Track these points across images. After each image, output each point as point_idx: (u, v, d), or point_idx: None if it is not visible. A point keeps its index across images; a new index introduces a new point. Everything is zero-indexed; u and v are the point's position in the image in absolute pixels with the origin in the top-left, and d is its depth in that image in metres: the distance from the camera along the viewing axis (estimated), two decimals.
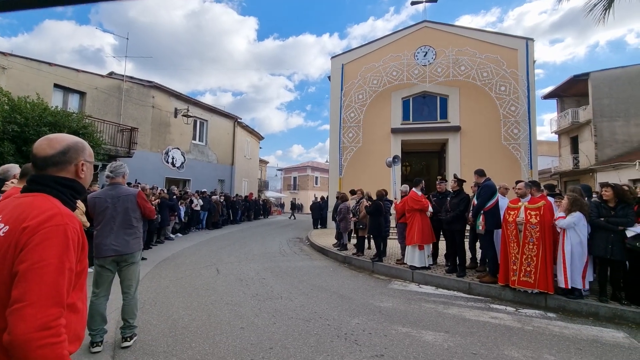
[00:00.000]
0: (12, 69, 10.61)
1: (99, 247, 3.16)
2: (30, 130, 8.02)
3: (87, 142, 5.14)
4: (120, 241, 3.19)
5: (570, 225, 4.46)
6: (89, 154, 1.28)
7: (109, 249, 3.15)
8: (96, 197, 3.27)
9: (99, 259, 3.16)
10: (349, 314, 4.21)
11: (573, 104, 21.16)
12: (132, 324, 3.27)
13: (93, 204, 3.26)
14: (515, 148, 12.55)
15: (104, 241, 3.16)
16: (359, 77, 14.43)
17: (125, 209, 3.26)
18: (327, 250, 8.72)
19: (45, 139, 1.19)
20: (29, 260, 0.94)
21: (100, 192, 3.34)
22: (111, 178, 3.36)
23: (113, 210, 3.22)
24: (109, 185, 3.37)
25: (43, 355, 0.89)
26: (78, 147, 1.23)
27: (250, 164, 25.70)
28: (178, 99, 17.11)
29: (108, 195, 3.26)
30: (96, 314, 3.09)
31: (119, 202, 3.25)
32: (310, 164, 45.32)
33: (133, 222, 3.30)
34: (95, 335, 3.09)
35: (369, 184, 9.68)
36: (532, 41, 12.97)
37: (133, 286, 3.31)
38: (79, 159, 1.22)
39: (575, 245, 4.48)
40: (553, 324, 4.03)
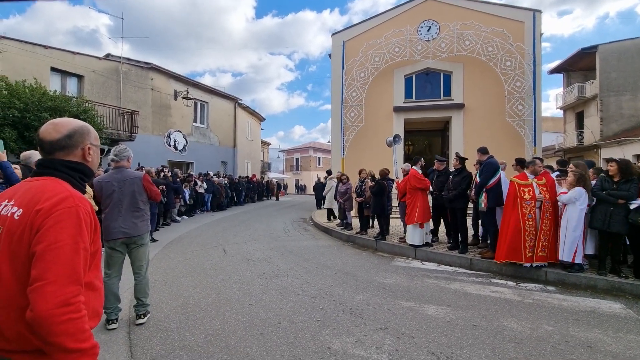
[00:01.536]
0: (6, 52, 10.45)
1: (107, 230, 3.21)
2: (31, 115, 8.00)
3: None
4: (128, 224, 3.25)
5: (570, 200, 4.52)
6: (95, 137, 1.29)
7: (117, 231, 3.21)
8: (102, 181, 3.30)
9: (109, 241, 3.23)
10: (354, 290, 4.34)
11: (580, 78, 20.67)
12: (144, 302, 3.39)
13: (100, 187, 3.29)
14: (519, 125, 12.40)
15: (113, 224, 3.22)
16: (360, 55, 14.09)
17: (132, 192, 3.29)
18: (330, 230, 8.85)
19: (51, 123, 1.21)
20: (45, 241, 0.99)
21: (106, 176, 3.36)
22: (116, 162, 3.38)
23: (120, 193, 3.25)
24: (114, 169, 3.39)
25: (65, 330, 0.94)
26: (83, 130, 1.24)
27: (252, 145, 25.63)
28: (177, 81, 16.89)
29: (114, 179, 3.28)
30: (109, 294, 3.18)
31: (125, 185, 3.28)
32: (312, 145, 45.13)
33: (140, 205, 3.34)
34: (110, 313, 3.22)
35: (372, 164, 9.67)
36: (539, 13, 12.53)
37: (144, 267, 3.41)
38: (85, 143, 1.23)
39: (572, 220, 4.56)
40: (552, 297, 4.15)
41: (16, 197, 1.10)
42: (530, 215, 4.80)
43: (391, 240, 7.05)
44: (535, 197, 4.77)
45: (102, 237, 3.01)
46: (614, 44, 17.93)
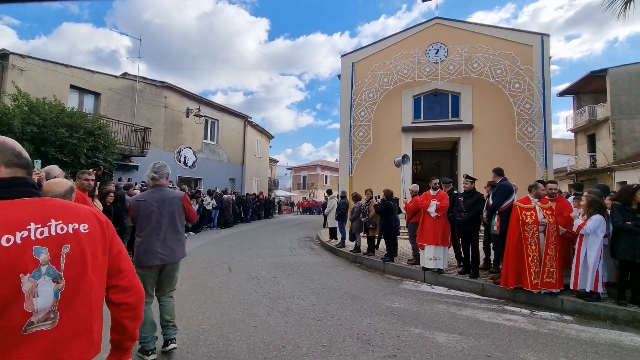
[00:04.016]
0: (29, 71, 10.93)
1: (144, 255, 2.87)
2: (48, 131, 8.25)
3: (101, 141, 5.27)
4: (167, 249, 2.93)
5: (594, 229, 4.34)
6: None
7: (155, 257, 2.88)
8: (140, 201, 2.98)
9: (143, 267, 2.87)
10: (361, 314, 4.21)
11: (590, 101, 20.59)
12: (174, 323, 3.11)
13: (137, 207, 2.95)
14: (529, 146, 12.30)
15: (150, 249, 2.87)
16: (369, 75, 14.34)
17: (172, 214, 2.98)
18: (337, 250, 8.73)
19: None
20: (119, 242, 1.26)
21: (143, 195, 3.04)
22: (155, 179, 3.04)
23: (159, 214, 2.92)
24: (153, 187, 3.04)
25: None
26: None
27: (260, 162, 25.87)
28: (190, 99, 17.34)
29: (152, 199, 2.95)
30: (146, 321, 2.81)
31: (165, 205, 2.96)
32: (320, 163, 45.34)
33: (179, 228, 3.04)
34: (149, 342, 2.87)
35: (380, 183, 9.64)
36: (547, 37, 12.66)
37: (174, 290, 3.18)
38: None
39: (591, 248, 4.38)
40: (569, 327, 3.96)
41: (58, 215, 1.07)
42: (532, 239, 4.67)
43: (399, 262, 6.89)
44: (538, 221, 4.64)
45: (136, 262, 2.84)
46: (624, 67, 17.93)
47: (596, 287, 4.36)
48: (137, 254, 2.90)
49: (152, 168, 3.05)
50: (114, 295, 1.22)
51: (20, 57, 10.81)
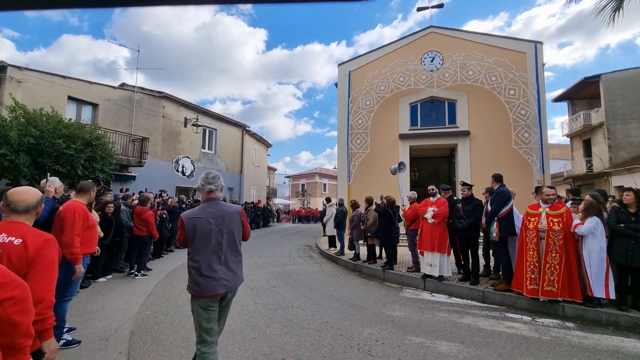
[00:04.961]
0: (27, 83, 10.95)
1: (205, 282, 2.41)
2: (45, 142, 8.22)
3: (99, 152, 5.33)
4: (230, 273, 2.52)
5: (589, 231, 4.33)
6: None
7: (219, 284, 2.44)
8: (196, 217, 2.49)
9: (205, 298, 2.43)
10: (361, 324, 4.17)
11: (584, 106, 20.81)
12: None
13: (193, 225, 2.47)
14: (526, 152, 12.37)
15: (212, 274, 2.43)
16: (366, 84, 14.46)
17: (231, 232, 2.57)
18: (336, 258, 8.67)
19: None
20: None
21: (198, 211, 2.55)
22: (211, 192, 2.60)
23: (218, 233, 2.50)
24: (207, 201, 2.60)
25: None
26: None
27: (258, 171, 25.86)
28: (188, 109, 17.39)
29: (209, 214, 2.50)
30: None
31: (225, 222, 2.53)
32: (318, 171, 45.36)
33: (239, 247, 2.65)
34: None
35: (378, 190, 9.62)
36: (540, 44, 12.85)
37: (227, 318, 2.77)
38: None
39: (594, 252, 4.35)
40: (571, 334, 3.92)
41: None
42: (531, 245, 4.66)
43: (399, 270, 6.85)
44: (537, 228, 4.62)
45: (193, 291, 2.46)
46: (617, 73, 18.16)
47: (607, 294, 4.26)
48: (194, 282, 2.43)
49: (205, 179, 2.62)
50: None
51: (17, 69, 10.84)
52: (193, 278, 2.45)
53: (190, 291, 2.47)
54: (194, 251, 2.49)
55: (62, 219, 3.42)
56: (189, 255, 2.53)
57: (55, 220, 3.50)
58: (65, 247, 3.33)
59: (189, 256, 2.54)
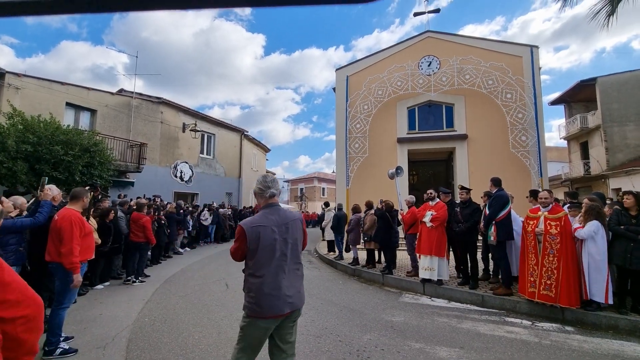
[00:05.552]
0: (25, 89, 10.95)
1: (269, 301, 2.11)
2: (43, 149, 8.20)
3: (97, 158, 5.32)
4: (294, 290, 2.21)
5: (589, 234, 4.33)
6: None
7: (284, 302, 2.14)
8: (259, 226, 2.16)
9: (267, 319, 2.12)
10: (361, 330, 4.15)
11: (581, 109, 20.94)
12: None
13: (256, 235, 2.14)
14: (524, 155, 12.41)
15: (276, 292, 2.13)
16: (363, 88, 14.53)
17: (295, 241, 2.29)
18: (335, 263, 8.65)
19: None
20: None
21: (260, 218, 2.22)
22: (272, 196, 2.32)
23: (282, 243, 2.20)
24: (267, 207, 2.29)
25: None
26: None
27: (257, 176, 25.80)
28: (186, 114, 17.41)
29: (272, 222, 2.20)
30: None
31: (288, 231, 2.24)
32: (317, 175, 45.36)
33: (301, 259, 2.37)
34: None
35: (377, 194, 9.63)
36: (536, 48, 12.95)
37: (295, 343, 2.35)
38: None
39: (593, 256, 4.34)
40: (571, 338, 3.91)
41: None
42: (530, 248, 4.68)
43: (398, 274, 6.84)
44: (534, 231, 4.64)
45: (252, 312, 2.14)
46: (613, 76, 18.31)
47: (607, 299, 4.23)
48: (255, 301, 2.12)
49: (264, 182, 2.33)
50: (5, 312, 1.12)
51: (15, 75, 10.84)
52: (254, 296, 2.12)
53: (249, 312, 2.14)
54: (256, 265, 2.16)
55: (58, 229, 3.40)
56: (249, 269, 2.20)
57: (51, 229, 3.48)
58: (65, 256, 3.32)
59: (248, 271, 2.21)
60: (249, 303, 2.16)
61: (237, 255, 2.25)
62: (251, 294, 2.15)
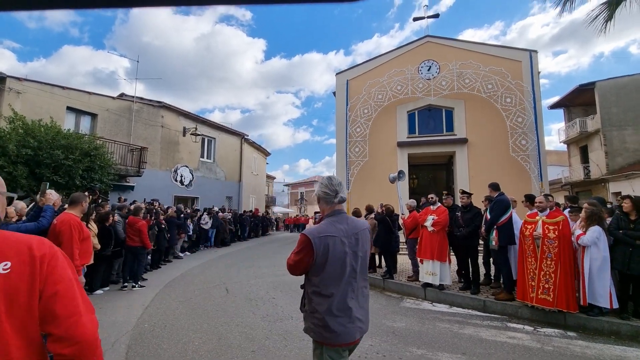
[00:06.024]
0: (26, 94, 10.98)
1: (339, 326, 1.78)
2: (44, 153, 8.21)
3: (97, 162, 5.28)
4: (362, 312, 1.90)
5: (592, 240, 4.32)
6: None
7: (354, 327, 1.82)
8: (328, 236, 1.82)
9: (336, 346, 1.82)
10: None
11: (580, 113, 21.00)
12: None
13: (325, 247, 1.79)
14: (524, 159, 12.43)
15: (346, 314, 1.80)
16: (363, 92, 14.59)
17: (365, 255, 1.96)
18: None
19: None
20: (62, 280, 1.02)
21: (327, 227, 1.87)
22: (342, 201, 1.95)
23: (352, 257, 1.86)
24: (334, 215, 1.93)
25: (101, 352, 1.07)
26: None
27: (257, 180, 25.84)
28: (187, 118, 17.45)
29: (341, 232, 1.86)
30: None
31: (359, 243, 1.90)
32: (317, 179, 45.35)
33: (367, 275, 2.04)
34: None
35: (377, 198, 9.63)
36: (535, 53, 13.03)
37: None
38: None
39: (595, 261, 4.33)
40: (574, 344, 3.89)
41: None
42: (529, 252, 4.67)
43: (399, 279, 6.81)
44: (532, 235, 4.63)
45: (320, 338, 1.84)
46: (611, 80, 18.38)
47: (611, 303, 4.22)
48: (323, 325, 1.79)
49: (330, 185, 1.95)
50: (50, 345, 1.01)
51: (17, 80, 10.88)
52: (322, 318, 1.80)
53: (316, 337, 1.84)
54: (324, 282, 1.81)
55: (58, 233, 3.40)
56: (313, 286, 1.85)
57: (50, 234, 3.48)
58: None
59: (311, 288, 1.86)
60: (314, 326, 1.84)
61: (298, 269, 1.92)
62: (317, 315, 1.82)
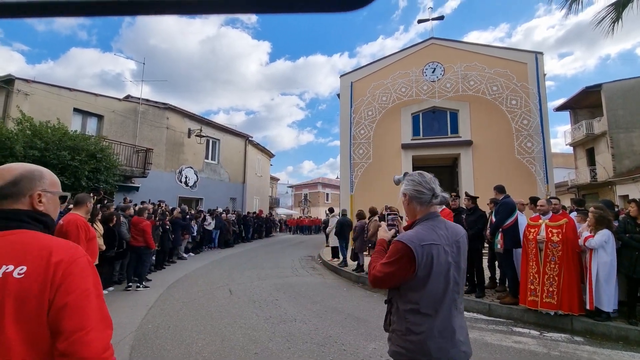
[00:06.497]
0: (34, 95, 11.12)
1: (439, 350, 1.47)
2: (51, 154, 8.30)
3: (103, 163, 5.26)
4: (464, 333, 1.59)
5: (601, 243, 4.27)
6: (50, 183, 1.13)
7: (459, 353, 1.52)
8: (432, 244, 1.50)
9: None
10: (365, 338, 4.10)
11: (587, 115, 20.82)
12: None
13: (429, 258, 1.47)
14: (529, 162, 12.33)
15: (449, 336, 1.50)
16: (368, 94, 14.58)
17: (465, 267, 1.66)
18: (339, 269, 8.59)
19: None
20: (75, 291, 0.94)
21: (428, 233, 1.53)
22: (443, 202, 1.65)
23: (455, 269, 1.56)
24: (429, 218, 1.61)
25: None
26: (33, 176, 1.08)
27: (261, 181, 25.90)
28: (191, 120, 17.56)
29: (443, 240, 1.54)
30: None
31: (460, 253, 1.59)
32: (321, 181, 45.37)
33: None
34: None
35: (381, 200, 9.59)
36: (541, 55, 12.94)
37: None
38: (34, 189, 1.07)
39: (603, 265, 4.28)
40: (581, 349, 3.83)
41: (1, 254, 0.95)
42: (531, 256, 4.62)
43: None
44: (536, 239, 4.58)
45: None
46: (618, 82, 18.22)
47: (592, 305, 4.25)
48: (419, 347, 1.49)
49: (424, 182, 1.64)
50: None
51: (25, 81, 11.02)
52: (419, 342, 1.49)
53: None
54: (426, 299, 1.50)
55: (64, 233, 3.42)
56: (410, 303, 1.53)
57: (57, 234, 3.50)
58: None
59: (408, 305, 1.53)
60: (407, 351, 1.51)
61: (389, 282, 1.60)
62: (412, 337, 1.50)
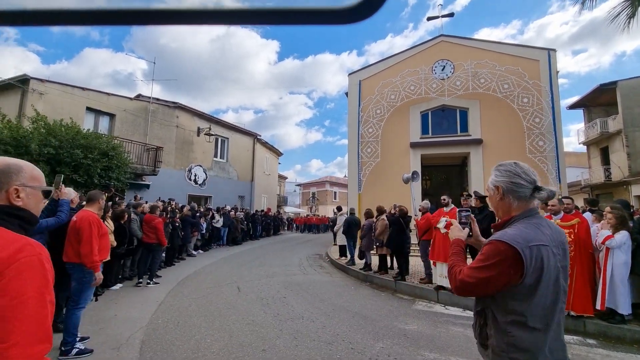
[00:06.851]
0: (48, 95, 11.36)
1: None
2: (64, 152, 8.47)
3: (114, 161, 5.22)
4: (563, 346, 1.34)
5: (621, 244, 4.19)
6: (30, 177, 1.07)
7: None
8: (541, 245, 1.25)
9: None
10: (373, 337, 4.09)
11: (601, 113, 20.31)
12: None
13: (538, 261, 1.22)
14: (541, 161, 12.10)
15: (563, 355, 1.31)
16: (376, 93, 14.49)
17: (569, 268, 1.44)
18: (347, 268, 8.59)
19: None
20: (6, 296, 0.83)
21: (534, 232, 1.28)
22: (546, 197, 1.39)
23: (563, 274, 1.32)
24: (530, 215, 1.37)
25: None
26: (10, 170, 1.04)
27: (269, 179, 26.01)
28: (201, 118, 17.73)
29: (550, 241, 1.30)
30: None
31: (566, 255, 1.36)
32: (329, 179, 45.34)
33: None
34: None
35: (389, 199, 9.54)
36: (554, 52, 12.66)
37: None
38: (10, 184, 1.02)
39: (618, 266, 4.18)
40: (594, 352, 3.76)
41: None
42: None
43: (411, 281, 6.73)
44: None
45: None
46: (634, 79, 17.73)
47: (603, 306, 4.18)
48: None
49: (524, 174, 1.43)
50: None
51: (39, 81, 11.27)
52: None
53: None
54: (534, 310, 1.24)
55: (78, 229, 3.49)
56: (512, 314, 1.25)
57: (70, 231, 3.57)
58: (85, 256, 3.42)
59: (509, 317, 1.26)
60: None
61: (484, 290, 1.29)
62: (517, 355, 1.24)
